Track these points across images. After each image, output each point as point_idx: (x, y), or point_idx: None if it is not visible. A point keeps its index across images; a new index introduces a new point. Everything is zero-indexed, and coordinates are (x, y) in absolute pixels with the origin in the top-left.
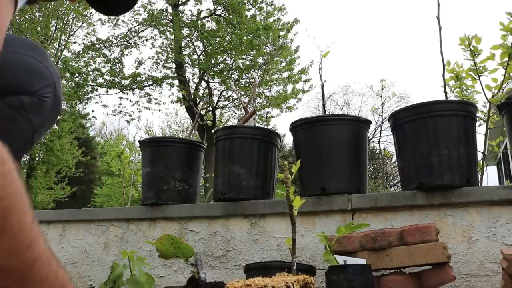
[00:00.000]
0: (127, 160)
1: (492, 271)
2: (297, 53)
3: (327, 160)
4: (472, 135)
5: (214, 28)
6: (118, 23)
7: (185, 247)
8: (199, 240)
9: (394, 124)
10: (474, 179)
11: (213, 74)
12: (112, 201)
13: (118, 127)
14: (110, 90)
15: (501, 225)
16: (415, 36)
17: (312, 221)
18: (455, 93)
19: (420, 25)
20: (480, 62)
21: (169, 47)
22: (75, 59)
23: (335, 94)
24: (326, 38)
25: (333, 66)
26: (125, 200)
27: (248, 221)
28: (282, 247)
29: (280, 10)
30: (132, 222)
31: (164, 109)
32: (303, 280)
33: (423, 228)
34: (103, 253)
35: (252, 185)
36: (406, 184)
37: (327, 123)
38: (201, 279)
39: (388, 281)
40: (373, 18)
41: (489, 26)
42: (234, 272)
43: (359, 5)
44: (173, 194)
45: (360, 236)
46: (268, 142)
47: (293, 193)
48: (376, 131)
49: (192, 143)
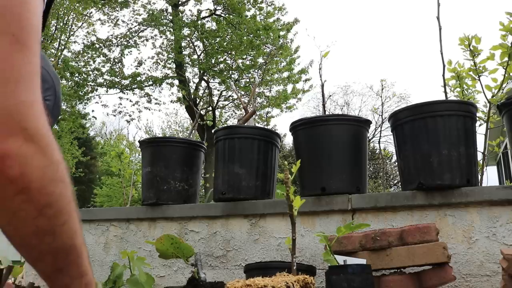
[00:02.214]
0: (127, 160)
1: (492, 271)
2: (297, 53)
3: (327, 160)
4: (472, 135)
5: (214, 28)
6: (118, 23)
7: (185, 247)
8: (199, 240)
9: (394, 124)
10: (474, 179)
11: (213, 74)
12: (112, 201)
13: (118, 127)
14: (110, 90)
15: (501, 225)
16: (415, 36)
17: (312, 221)
18: (456, 93)
19: (420, 25)
20: (480, 62)
21: (169, 47)
22: (75, 59)
23: (335, 94)
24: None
25: (333, 66)
26: (125, 200)
27: (248, 221)
28: (282, 247)
29: (280, 10)
30: (132, 222)
31: (164, 109)
32: (303, 280)
33: (423, 228)
34: (103, 253)
35: (252, 185)
36: (406, 184)
37: (327, 123)
38: (201, 279)
39: (388, 281)
40: (373, 18)
41: (489, 26)
42: (234, 272)
43: (359, 5)
44: (173, 194)
45: (360, 236)
46: (268, 142)
47: (293, 193)
48: (376, 131)
49: (192, 143)
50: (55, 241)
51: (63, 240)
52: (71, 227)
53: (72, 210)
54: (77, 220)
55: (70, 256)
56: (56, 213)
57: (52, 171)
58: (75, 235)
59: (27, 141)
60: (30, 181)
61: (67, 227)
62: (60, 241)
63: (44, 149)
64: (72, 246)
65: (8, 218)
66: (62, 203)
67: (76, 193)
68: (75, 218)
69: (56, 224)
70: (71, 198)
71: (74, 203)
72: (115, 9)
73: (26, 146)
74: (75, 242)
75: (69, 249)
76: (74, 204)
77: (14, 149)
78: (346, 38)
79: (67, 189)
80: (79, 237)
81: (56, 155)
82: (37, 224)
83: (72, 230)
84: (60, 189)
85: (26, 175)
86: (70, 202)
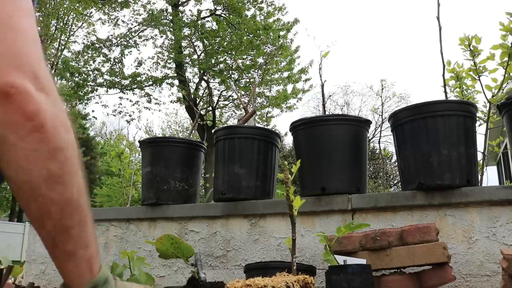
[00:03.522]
0: (127, 160)
1: (492, 271)
2: (297, 53)
3: (327, 160)
4: (472, 135)
5: (214, 28)
6: (118, 23)
7: (185, 247)
8: (199, 240)
9: (394, 124)
10: (474, 179)
11: (213, 74)
12: (112, 201)
13: (118, 127)
14: (110, 90)
15: (501, 225)
16: (415, 36)
17: (312, 221)
18: (455, 93)
19: (420, 25)
20: (480, 62)
21: (169, 47)
22: (75, 59)
23: (335, 94)
24: (326, 38)
25: (333, 66)
26: (125, 200)
27: (248, 221)
28: (282, 247)
29: (280, 10)
30: (132, 222)
31: (164, 109)
32: (303, 280)
33: (423, 228)
34: (103, 253)
35: (252, 185)
36: (406, 184)
37: (327, 123)
38: (201, 279)
39: (388, 281)
40: (373, 18)
41: (489, 26)
42: (234, 272)
43: (359, 5)
44: (173, 194)
45: (360, 236)
46: (268, 142)
47: (293, 193)
48: (376, 131)
49: (192, 143)
50: (65, 191)
51: (72, 193)
52: (79, 183)
53: (80, 169)
54: (83, 182)
55: (77, 216)
56: (66, 160)
57: (63, 118)
58: (83, 195)
59: (39, 87)
60: (45, 119)
61: (76, 180)
62: (69, 193)
63: (53, 98)
64: (80, 205)
65: (22, 161)
66: (71, 151)
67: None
68: (82, 179)
69: (66, 172)
70: (78, 156)
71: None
72: (115, 9)
73: (39, 91)
74: (82, 202)
75: (77, 206)
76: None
77: (31, 89)
78: (346, 38)
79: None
80: (86, 202)
81: (62, 105)
82: (48, 167)
83: (80, 187)
84: (70, 136)
85: (42, 113)
86: (78, 155)
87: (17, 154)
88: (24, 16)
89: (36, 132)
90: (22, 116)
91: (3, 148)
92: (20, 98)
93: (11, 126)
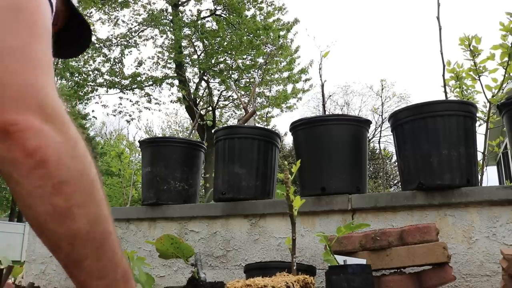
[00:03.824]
0: (127, 160)
1: (492, 271)
2: (297, 53)
3: (327, 160)
4: (472, 135)
5: (214, 28)
6: (118, 23)
7: (185, 247)
8: (199, 240)
9: (394, 124)
10: (474, 179)
11: (213, 74)
12: (112, 201)
13: (118, 127)
14: (110, 90)
15: (501, 225)
16: (415, 36)
17: (312, 221)
18: (455, 93)
19: (420, 25)
20: (480, 62)
21: (169, 47)
22: (75, 59)
23: (335, 94)
24: (326, 38)
25: (333, 66)
26: (125, 200)
27: (248, 221)
28: (282, 247)
29: (280, 10)
30: (132, 222)
31: (164, 109)
32: (303, 280)
33: (423, 228)
34: None
35: (252, 185)
36: (406, 184)
37: (327, 123)
38: (201, 279)
39: (388, 281)
40: (373, 18)
41: (489, 26)
42: (234, 272)
43: (359, 5)
44: (173, 194)
45: (360, 236)
46: (268, 142)
47: (293, 193)
48: (376, 131)
49: (192, 143)
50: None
51: (82, 225)
52: (94, 212)
53: (95, 192)
54: (102, 204)
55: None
56: (74, 192)
57: (69, 147)
58: (98, 223)
59: (44, 118)
60: (47, 154)
61: (87, 210)
62: (78, 226)
63: (60, 127)
64: (92, 237)
65: (27, 197)
66: (80, 182)
67: None
68: (98, 201)
69: (74, 205)
70: (93, 178)
71: (98, 185)
72: (115, 9)
73: (43, 122)
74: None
75: (88, 239)
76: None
77: (32, 124)
78: (346, 38)
79: (86, 168)
80: (104, 230)
81: (72, 132)
82: (52, 203)
83: (96, 216)
84: (79, 166)
85: (43, 148)
86: (92, 182)
87: (22, 191)
88: (38, 42)
89: (38, 169)
90: (23, 153)
91: (10, 185)
92: (20, 135)
93: (14, 163)
